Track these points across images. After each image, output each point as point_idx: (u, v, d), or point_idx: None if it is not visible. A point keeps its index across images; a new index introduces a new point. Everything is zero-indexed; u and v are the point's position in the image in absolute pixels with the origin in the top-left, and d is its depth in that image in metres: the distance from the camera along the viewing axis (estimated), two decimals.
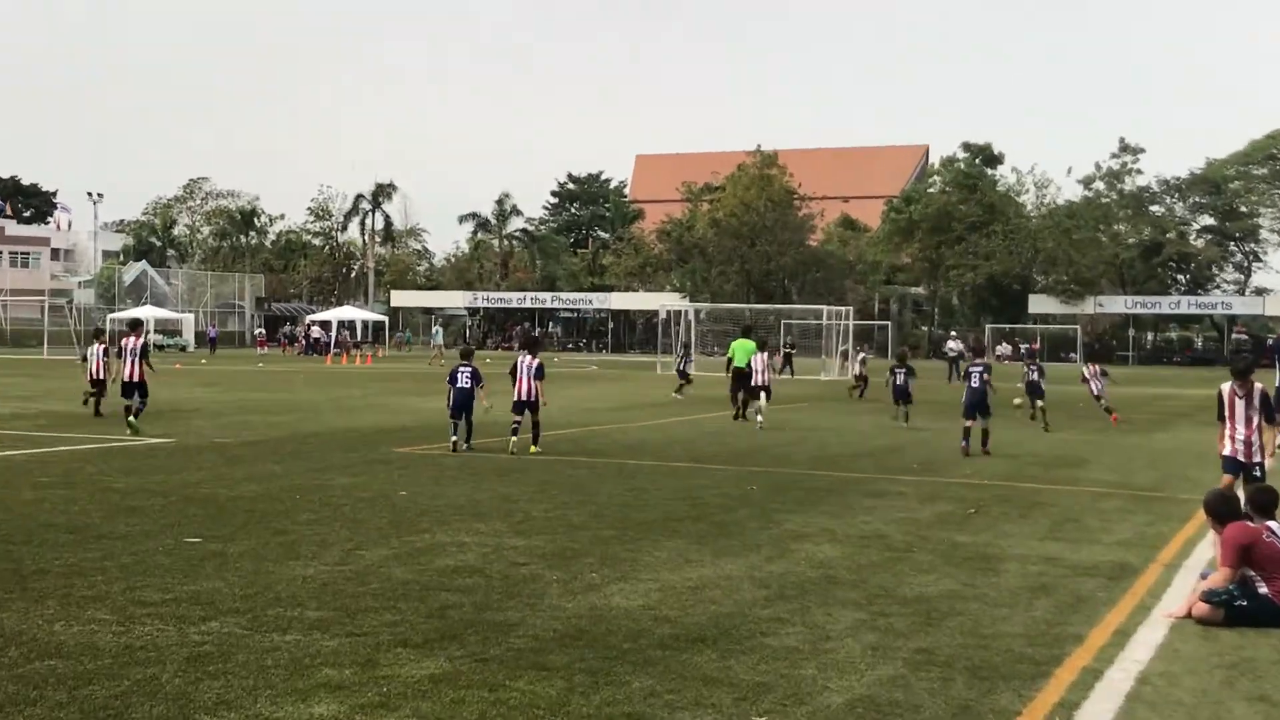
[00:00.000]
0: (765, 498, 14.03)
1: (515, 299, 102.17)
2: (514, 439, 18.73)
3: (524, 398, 19.22)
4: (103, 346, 25.73)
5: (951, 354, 53.52)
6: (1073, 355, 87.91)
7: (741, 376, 27.06)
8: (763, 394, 25.64)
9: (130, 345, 21.98)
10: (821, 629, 7.99)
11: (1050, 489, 15.52)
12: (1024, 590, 9.35)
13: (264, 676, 6.65)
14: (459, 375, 19.27)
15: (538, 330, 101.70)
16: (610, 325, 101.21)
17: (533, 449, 18.60)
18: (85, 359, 26.96)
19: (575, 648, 7.39)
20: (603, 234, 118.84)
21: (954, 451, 20.00)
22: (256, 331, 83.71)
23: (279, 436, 20.32)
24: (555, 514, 12.46)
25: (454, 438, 18.72)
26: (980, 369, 20.89)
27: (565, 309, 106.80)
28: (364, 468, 16.13)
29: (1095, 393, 29.99)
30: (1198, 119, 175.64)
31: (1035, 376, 26.46)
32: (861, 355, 42.92)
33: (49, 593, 8.46)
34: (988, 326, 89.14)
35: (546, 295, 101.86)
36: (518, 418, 19.11)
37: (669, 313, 65.04)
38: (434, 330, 68.80)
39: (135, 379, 21.58)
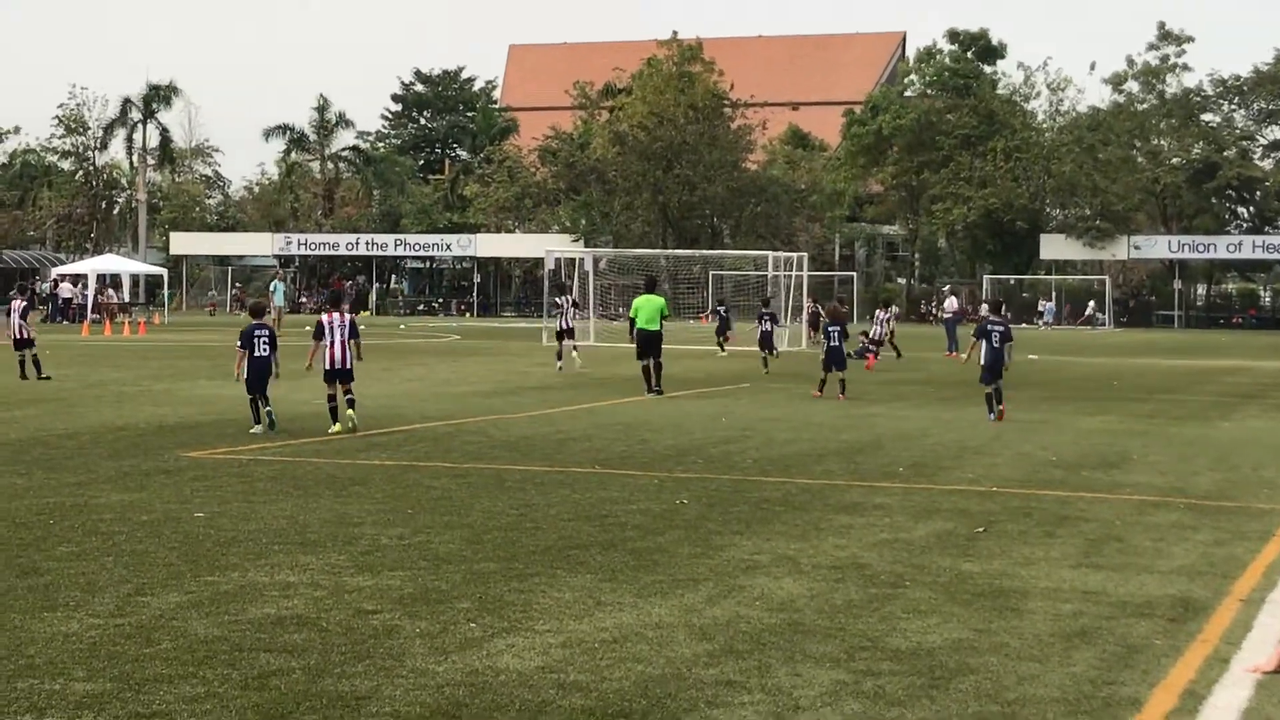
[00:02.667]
0: (700, 515, 14.03)
1: (344, 243, 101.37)
2: (338, 424, 20.87)
3: (339, 365, 21.04)
4: None
5: (949, 315, 54.15)
6: (1100, 315, 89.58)
7: (647, 341, 29.15)
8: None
9: None
10: (788, 696, 7.97)
11: (1082, 497, 15.72)
12: (1056, 638, 9.43)
13: None
14: (255, 340, 21.01)
15: (375, 286, 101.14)
16: (477, 279, 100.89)
17: (350, 415, 21.00)
18: None
19: None
20: (464, 154, 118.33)
21: (953, 449, 20.21)
22: None
23: (19, 438, 19.94)
24: (413, 541, 12.35)
25: (257, 426, 20.73)
26: (1001, 329, 24.80)
27: (414, 257, 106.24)
28: (142, 480, 15.87)
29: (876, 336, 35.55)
30: None
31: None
32: (888, 314, 46.17)
33: None
34: (986, 278, 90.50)
35: (387, 238, 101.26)
36: (332, 390, 21.07)
37: (558, 261, 65.05)
38: (272, 286, 67.57)
39: None
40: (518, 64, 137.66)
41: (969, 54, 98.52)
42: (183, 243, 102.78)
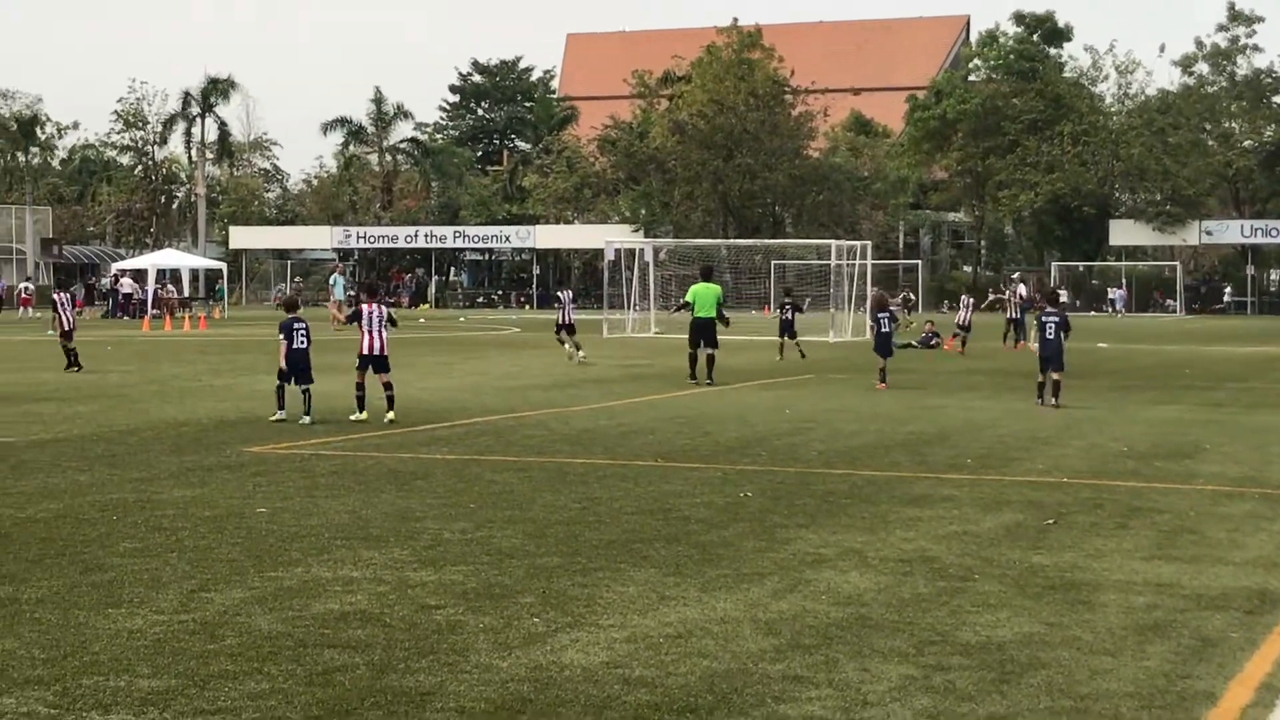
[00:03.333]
0: (765, 508, 14.02)
1: (403, 236, 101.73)
2: (364, 413, 21.60)
3: (376, 352, 21.84)
4: None
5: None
6: (1170, 302, 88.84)
7: (703, 329, 29.82)
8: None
9: None
10: (856, 691, 7.97)
11: (1154, 487, 15.62)
12: (1129, 631, 9.38)
13: None
14: (295, 332, 21.81)
15: (434, 279, 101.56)
16: (536, 270, 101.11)
17: (390, 416, 21.42)
18: None
19: None
20: (523, 144, 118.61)
21: (1022, 440, 20.11)
22: (22, 286, 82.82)
23: (83, 434, 20.12)
24: (476, 536, 12.39)
25: (279, 413, 21.59)
26: (1056, 319, 25.05)
27: (473, 249, 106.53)
28: (204, 475, 15.99)
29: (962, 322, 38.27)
30: None
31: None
32: (969, 300, 46.18)
33: None
34: (1054, 265, 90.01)
35: (446, 230, 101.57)
36: (361, 379, 21.88)
37: (617, 252, 65.05)
38: (332, 280, 67.59)
39: None
40: (576, 53, 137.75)
41: (1035, 37, 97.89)
42: (242, 237, 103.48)
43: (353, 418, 21.62)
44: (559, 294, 39.99)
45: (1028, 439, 20.18)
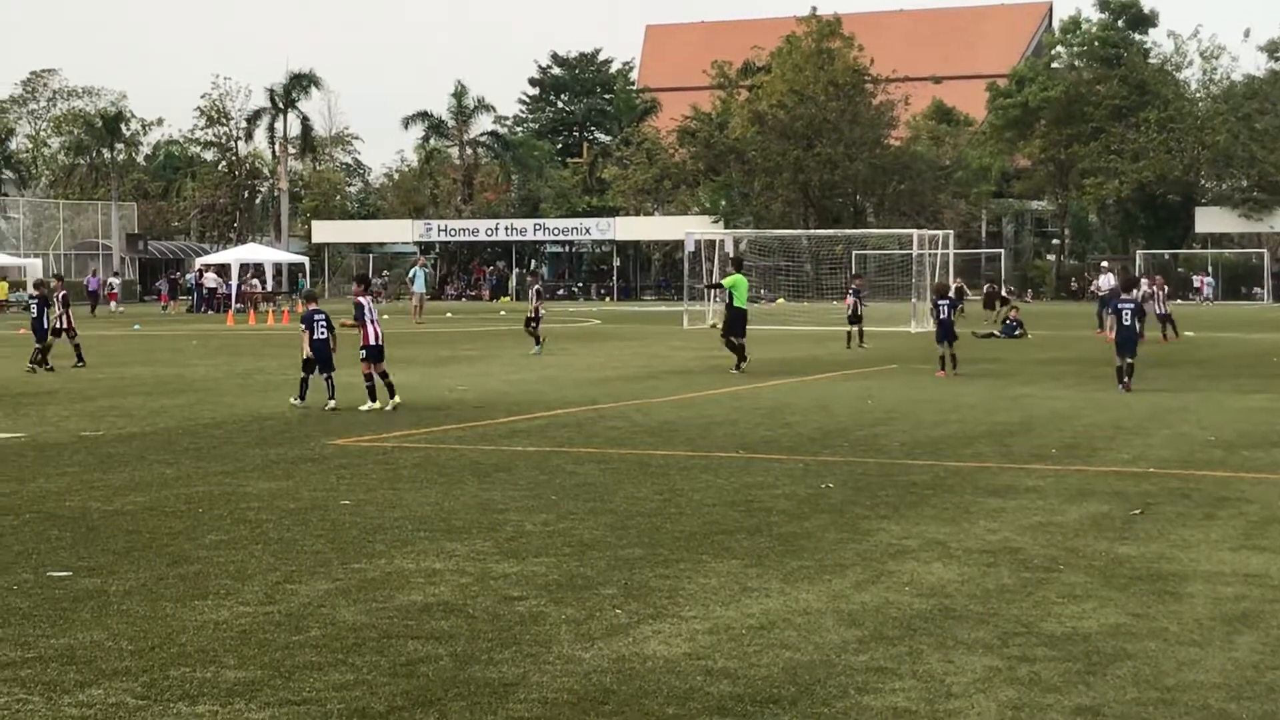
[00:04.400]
0: (847, 499, 13.98)
1: (484, 229, 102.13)
2: (376, 402, 22.28)
3: (378, 342, 22.62)
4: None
5: (1104, 292, 53.41)
6: (1258, 290, 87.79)
7: (743, 319, 30.76)
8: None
9: None
10: (940, 682, 7.93)
11: (1242, 477, 15.45)
12: (1217, 622, 9.28)
13: None
14: (315, 323, 22.88)
15: (515, 272, 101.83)
16: (616, 262, 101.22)
17: (396, 401, 22.36)
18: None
19: (599, 715, 7.34)
20: (603, 136, 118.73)
21: (1107, 429, 19.95)
22: (110, 281, 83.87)
23: (169, 427, 20.34)
24: (558, 527, 12.43)
25: (296, 400, 22.76)
26: (1130, 306, 26.06)
27: (553, 241, 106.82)
28: (289, 468, 16.12)
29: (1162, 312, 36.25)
30: None
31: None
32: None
33: None
34: (1139, 253, 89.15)
35: (526, 223, 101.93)
36: (368, 369, 22.57)
37: (697, 243, 64.98)
38: (412, 273, 67.72)
39: None
40: (655, 44, 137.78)
41: (1119, 23, 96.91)
42: (324, 231, 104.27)
43: (364, 408, 22.22)
44: (536, 287, 40.18)
45: (1113, 428, 20.01)
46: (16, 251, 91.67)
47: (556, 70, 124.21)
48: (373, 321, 22.65)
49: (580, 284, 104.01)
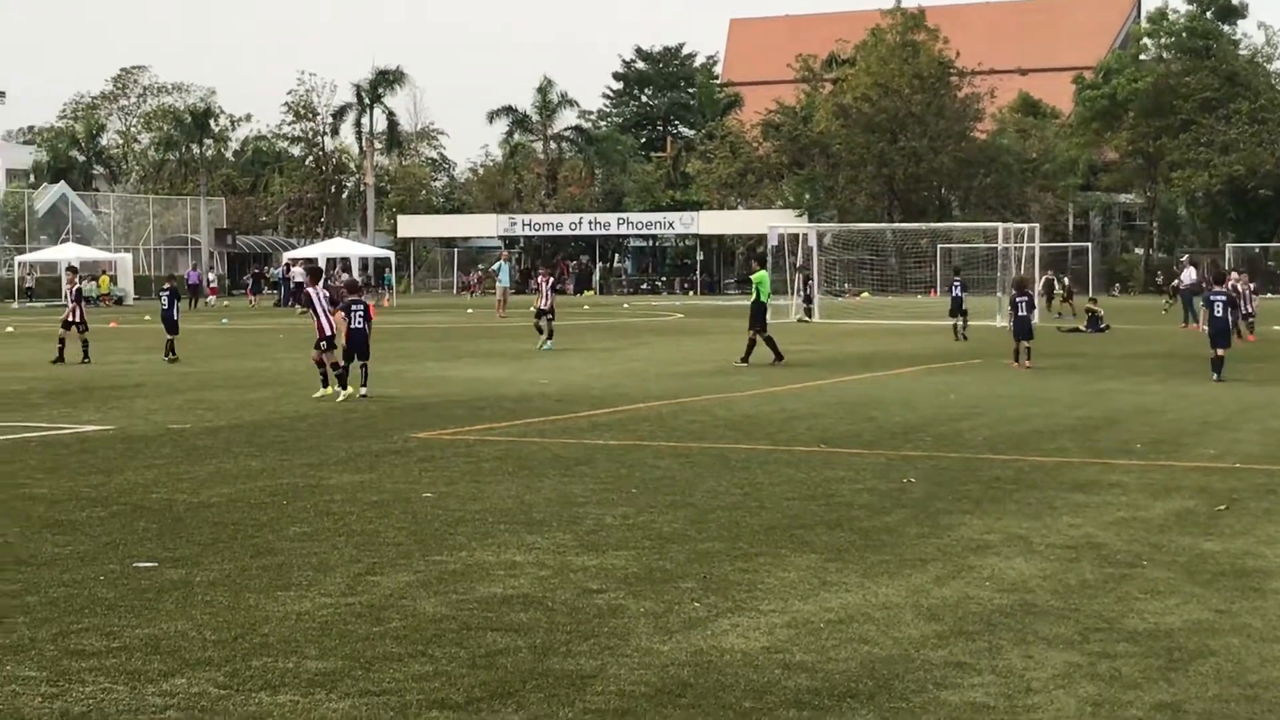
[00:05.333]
0: (928, 494, 13.92)
1: (567, 223, 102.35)
2: (353, 388, 23.02)
3: (333, 332, 23.46)
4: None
5: (1187, 286, 52.83)
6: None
7: (763, 313, 31.32)
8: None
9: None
10: (1019, 678, 7.89)
11: None
12: None
13: None
14: (353, 312, 23.52)
15: (598, 265, 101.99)
16: (700, 256, 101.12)
17: (346, 393, 23.01)
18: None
19: (677, 708, 7.35)
20: (686, 130, 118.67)
21: (1193, 424, 19.74)
22: (209, 276, 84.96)
23: (255, 420, 20.54)
24: (638, 521, 12.45)
25: (345, 391, 23.04)
26: (1223, 298, 26.74)
27: (637, 235, 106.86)
28: (372, 461, 16.24)
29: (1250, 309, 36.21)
30: None
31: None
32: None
33: None
34: (1228, 247, 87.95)
35: (610, 217, 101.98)
36: (320, 358, 23.45)
37: (781, 237, 64.83)
38: (497, 266, 67.69)
39: None
40: (739, 38, 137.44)
41: (1207, 14, 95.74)
42: (410, 225, 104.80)
43: (341, 396, 23.06)
44: (537, 279, 40.25)
45: (1199, 423, 19.80)
46: (107, 246, 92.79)
47: (640, 65, 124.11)
48: (325, 313, 23.53)
49: (663, 278, 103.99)
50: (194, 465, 15.91)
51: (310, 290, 24.54)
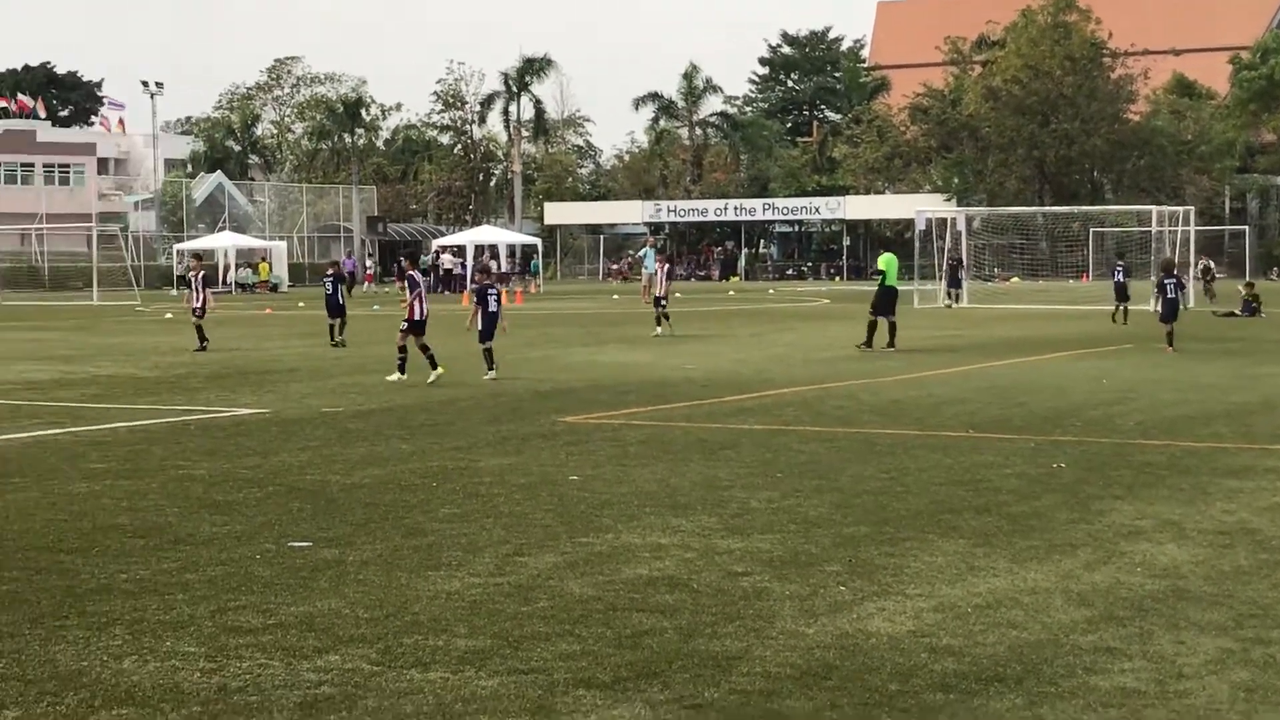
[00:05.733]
0: (1078, 479, 13.76)
1: (713, 209, 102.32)
2: (404, 374, 23.77)
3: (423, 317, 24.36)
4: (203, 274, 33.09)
5: None
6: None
7: (895, 298, 31.21)
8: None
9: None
10: (1171, 663, 7.79)
11: None
12: None
13: None
14: (488, 297, 24.71)
15: (744, 251, 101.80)
16: (846, 241, 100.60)
17: (436, 373, 23.49)
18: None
19: (822, 690, 7.36)
20: (833, 115, 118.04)
21: None
22: (367, 263, 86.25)
23: (406, 404, 20.81)
24: (783, 505, 12.45)
25: (491, 372, 23.91)
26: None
27: (782, 221, 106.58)
28: (519, 444, 16.39)
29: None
30: None
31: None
32: None
33: (115, 617, 8.81)
34: None
35: (756, 203, 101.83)
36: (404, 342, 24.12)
37: (928, 221, 64.28)
38: (643, 253, 67.77)
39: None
40: (886, 21, 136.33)
41: None
42: (556, 213, 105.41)
43: (390, 378, 23.73)
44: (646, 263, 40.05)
45: None
46: (262, 234, 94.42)
47: (786, 49, 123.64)
48: (421, 298, 24.23)
49: (809, 264, 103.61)
50: (346, 448, 16.17)
51: (413, 274, 25.20)
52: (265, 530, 11.46)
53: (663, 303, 36.01)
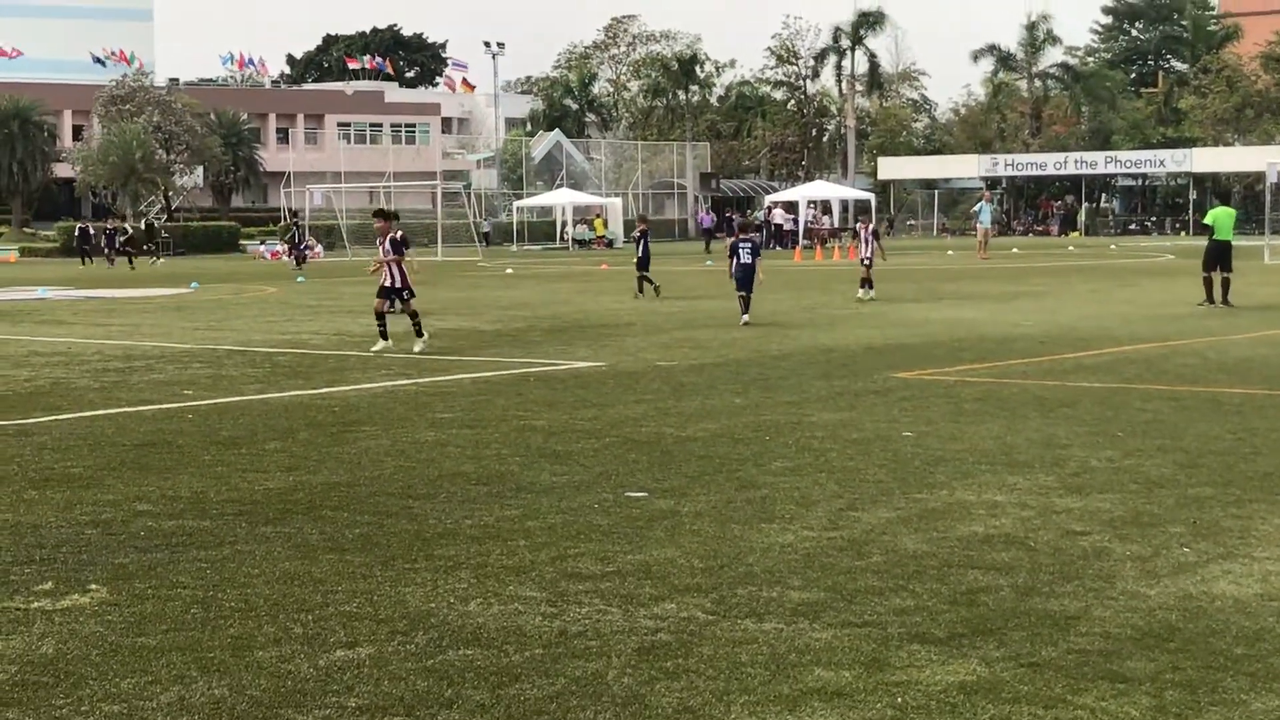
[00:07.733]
0: None
1: (1052, 163, 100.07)
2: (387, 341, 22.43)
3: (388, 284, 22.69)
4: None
5: None
6: None
7: (1224, 253, 30.24)
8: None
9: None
10: None
11: None
12: None
13: (738, 677, 6.88)
14: (740, 249, 26.93)
15: (1084, 206, 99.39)
16: (1193, 195, 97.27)
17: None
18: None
19: (1164, 652, 7.19)
20: (1179, 65, 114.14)
21: None
22: (701, 216, 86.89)
23: (738, 358, 20.95)
24: (1124, 464, 12.16)
25: (745, 317, 26.13)
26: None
27: (1125, 174, 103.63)
28: (852, 399, 16.36)
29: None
30: None
31: None
32: None
33: (460, 561, 9.12)
34: None
35: (1097, 156, 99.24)
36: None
37: None
38: (978, 207, 66.59)
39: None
40: None
41: None
42: (890, 168, 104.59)
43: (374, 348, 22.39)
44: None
45: None
46: (598, 191, 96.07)
47: None
48: (396, 263, 22.40)
49: (1153, 219, 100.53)
50: (680, 401, 16.37)
51: (396, 236, 22.66)
52: (603, 480, 11.69)
53: (866, 264, 33.32)
